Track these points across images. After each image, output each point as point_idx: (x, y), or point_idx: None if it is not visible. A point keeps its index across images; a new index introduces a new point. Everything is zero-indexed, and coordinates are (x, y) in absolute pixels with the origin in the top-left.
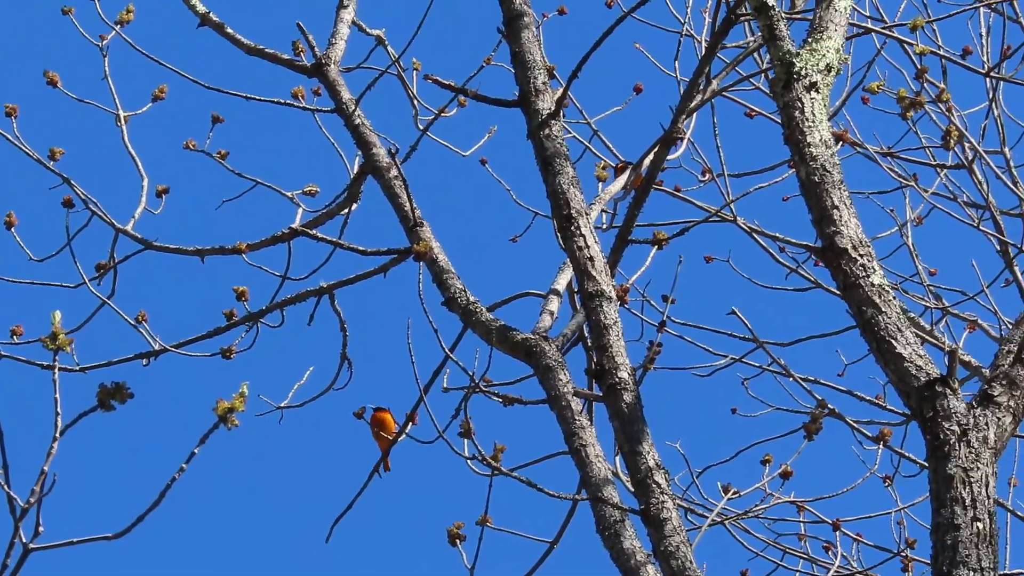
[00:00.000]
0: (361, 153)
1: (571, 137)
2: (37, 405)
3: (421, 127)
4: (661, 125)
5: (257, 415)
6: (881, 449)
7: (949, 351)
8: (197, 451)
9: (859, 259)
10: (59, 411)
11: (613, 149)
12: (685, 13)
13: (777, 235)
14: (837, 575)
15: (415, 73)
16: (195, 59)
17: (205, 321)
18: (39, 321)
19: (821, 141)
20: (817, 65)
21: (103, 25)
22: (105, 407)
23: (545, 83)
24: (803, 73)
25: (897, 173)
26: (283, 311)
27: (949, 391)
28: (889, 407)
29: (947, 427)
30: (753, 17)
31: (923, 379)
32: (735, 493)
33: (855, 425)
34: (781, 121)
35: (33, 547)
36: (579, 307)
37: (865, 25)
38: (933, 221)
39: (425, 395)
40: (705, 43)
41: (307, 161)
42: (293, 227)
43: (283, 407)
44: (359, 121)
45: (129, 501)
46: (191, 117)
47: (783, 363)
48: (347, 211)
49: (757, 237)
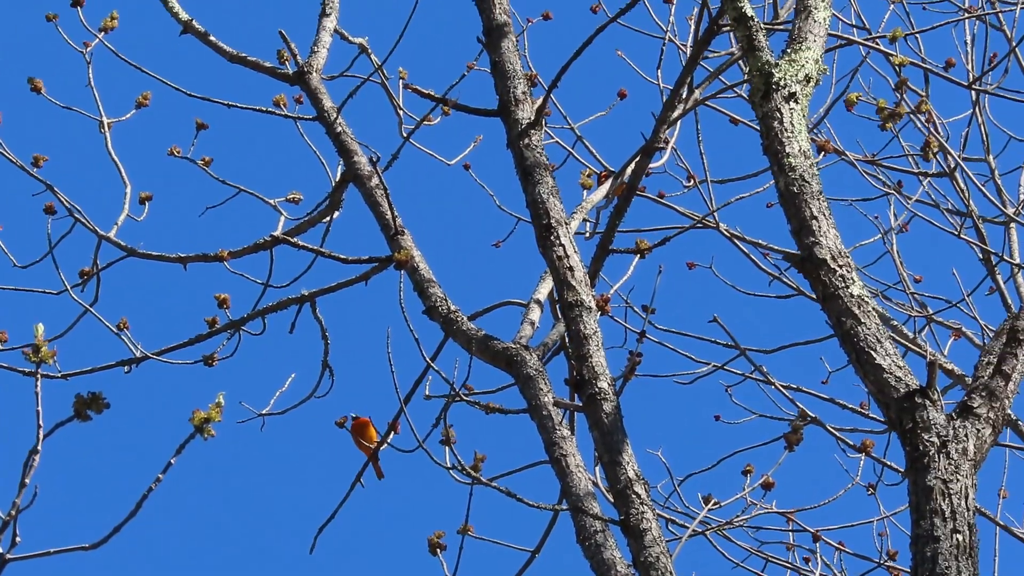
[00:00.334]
0: (342, 161)
1: (554, 143)
2: (20, 411)
3: (405, 135)
4: (643, 135)
5: (239, 422)
6: (864, 458)
7: (929, 363)
8: (173, 461)
9: (838, 270)
10: (40, 423)
11: (597, 155)
12: (668, 20)
13: (760, 242)
14: None
15: (400, 81)
16: (179, 66)
17: (187, 328)
18: (22, 327)
19: (800, 151)
20: (796, 76)
21: (87, 31)
22: (81, 417)
23: (525, 92)
24: (782, 84)
25: (882, 180)
26: (265, 319)
27: (928, 402)
28: (872, 415)
29: (926, 438)
30: (732, 28)
31: (902, 390)
32: (715, 504)
33: (837, 434)
34: (760, 131)
35: (10, 557)
36: (560, 317)
37: (845, 36)
38: (916, 229)
39: (406, 404)
40: (688, 51)
41: (290, 169)
42: (275, 235)
43: (265, 414)
44: (340, 129)
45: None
46: (175, 124)
47: (765, 370)
48: (329, 219)
49: (739, 244)
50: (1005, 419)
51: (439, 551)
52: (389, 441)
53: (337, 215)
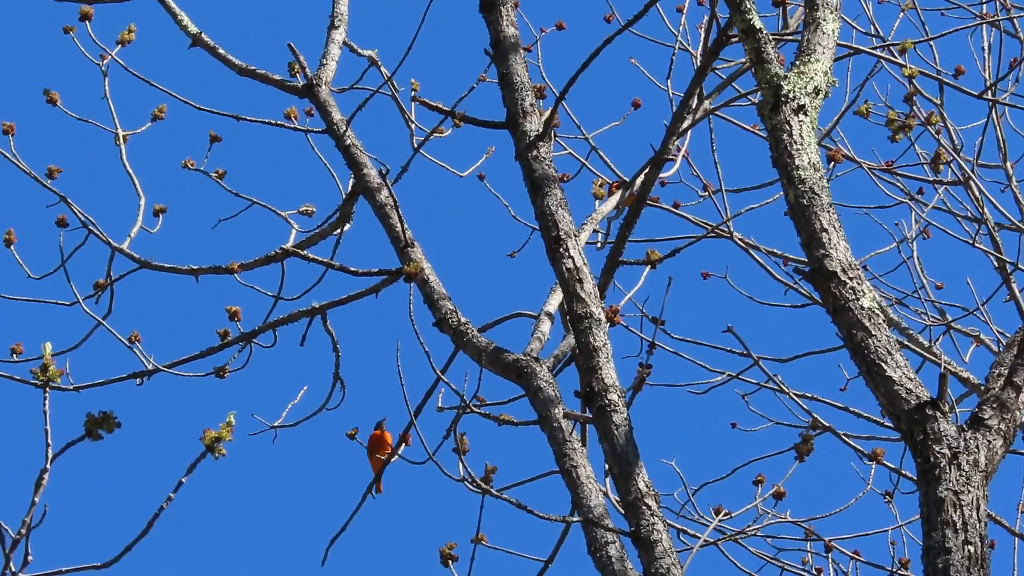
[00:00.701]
0: (352, 174)
1: (567, 154)
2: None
3: (415, 147)
4: (652, 146)
5: (250, 434)
6: (874, 467)
7: (940, 375)
8: (184, 480)
9: (848, 282)
10: (49, 442)
11: (612, 165)
12: (680, 28)
13: (775, 251)
14: None
15: (411, 94)
16: (191, 79)
17: (199, 340)
18: (37, 338)
19: (809, 164)
20: (805, 88)
21: (101, 45)
22: (92, 436)
23: (532, 104)
24: (791, 96)
25: (900, 187)
26: (276, 331)
27: (939, 414)
28: (887, 424)
29: (937, 450)
30: (740, 40)
31: (913, 402)
32: (726, 514)
33: (850, 442)
34: (769, 144)
35: None
36: (570, 329)
37: (854, 46)
38: (932, 237)
39: (417, 416)
40: (698, 62)
41: (300, 181)
42: (285, 247)
43: (276, 426)
44: (350, 142)
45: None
46: (188, 136)
47: (779, 380)
48: (339, 231)
49: (754, 253)
50: (1017, 430)
51: (451, 562)
52: (400, 453)
53: (347, 227)
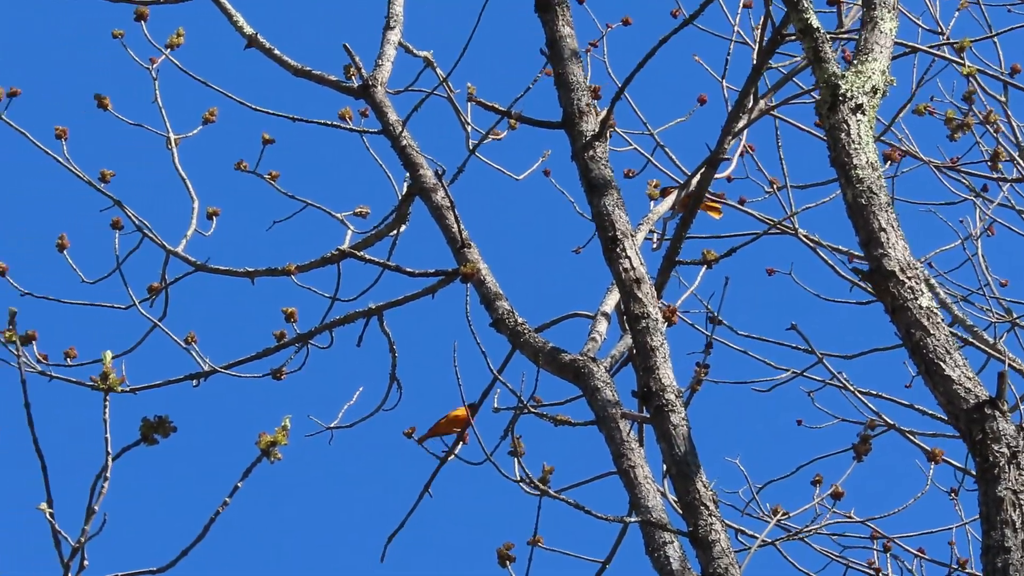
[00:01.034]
0: (408, 174)
1: (632, 149)
2: (87, 426)
3: (471, 148)
4: (707, 146)
5: (307, 436)
6: (933, 466)
7: (999, 374)
8: (240, 485)
9: (907, 281)
10: (109, 450)
11: (677, 161)
12: (735, 25)
13: (840, 248)
14: None
15: (468, 94)
16: (244, 81)
17: (255, 342)
18: (92, 342)
19: (867, 163)
20: (863, 87)
21: (153, 48)
22: (148, 441)
23: (589, 104)
24: (849, 95)
25: (965, 184)
26: (332, 332)
27: (998, 413)
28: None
29: (996, 449)
30: (798, 39)
31: (972, 401)
32: (784, 514)
33: (914, 440)
34: (827, 143)
35: None
36: (626, 329)
37: (913, 44)
38: (996, 234)
39: (474, 417)
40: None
41: (356, 182)
42: (342, 249)
43: (333, 427)
44: (406, 142)
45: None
46: (240, 139)
47: (844, 377)
48: (396, 232)
49: (819, 250)
50: None
51: (508, 563)
52: (457, 453)
53: (404, 229)
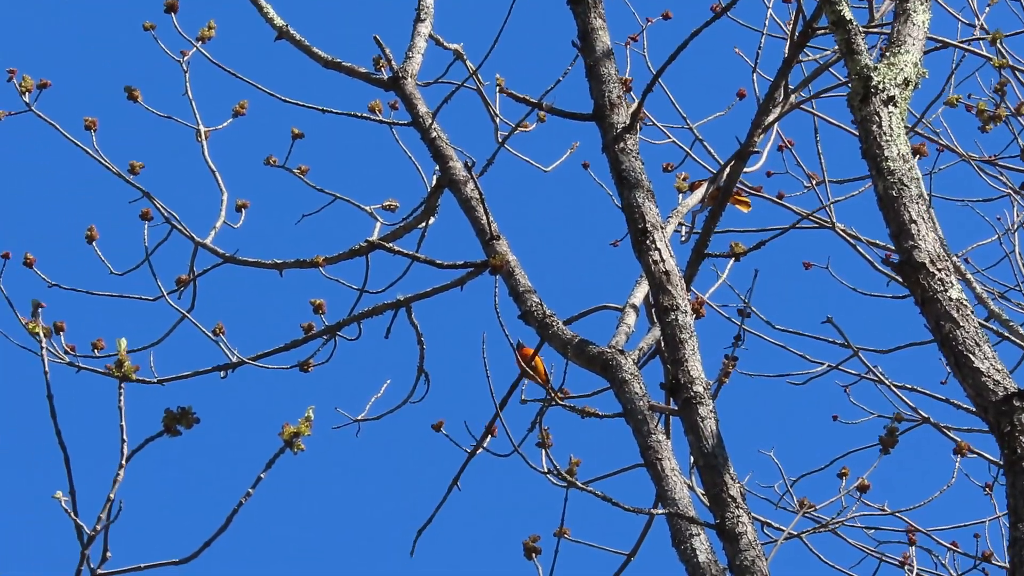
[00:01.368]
0: (438, 166)
1: (669, 143)
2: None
3: (500, 140)
4: (737, 139)
5: (334, 428)
6: (960, 460)
7: None
8: (263, 476)
9: (937, 274)
10: (125, 438)
11: (715, 154)
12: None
13: (877, 242)
14: None
15: (497, 87)
16: (273, 72)
17: (283, 334)
18: (120, 334)
19: (899, 155)
20: (895, 79)
21: (184, 40)
22: (171, 432)
23: (620, 96)
24: (881, 87)
25: (1003, 180)
26: (360, 324)
27: None
28: None
29: None
30: (831, 31)
31: (1000, 393)
32: (810, 507)
33: (949, 433)
34: (859, 135)
35: (101, 573)
36: (655, 321)
37: (942, 39)
38: None
39: (502, 409)
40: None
41: (385, 174)
42: (370, 240)
43: (360, 420)
44: (435, 135)
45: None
46: (270, 131)
47: (879, 371)
48: (424, 224)
49: (856, 244)
50: None
51: (534, 555)
52: (485, 445)
53: (433, 220)
